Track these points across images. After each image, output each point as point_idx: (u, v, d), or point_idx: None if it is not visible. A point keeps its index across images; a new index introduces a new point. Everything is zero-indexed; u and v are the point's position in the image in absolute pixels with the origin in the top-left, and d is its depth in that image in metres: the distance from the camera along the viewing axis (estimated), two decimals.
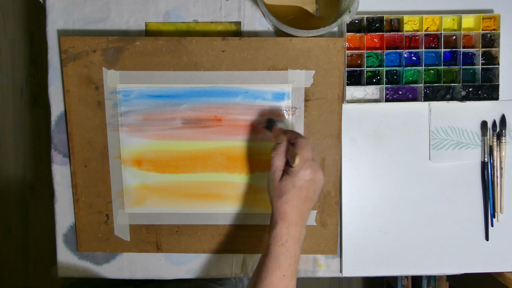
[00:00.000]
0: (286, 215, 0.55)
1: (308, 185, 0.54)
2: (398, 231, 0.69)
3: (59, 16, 0.68)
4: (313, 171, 0.54)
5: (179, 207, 0.68)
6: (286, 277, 0.53)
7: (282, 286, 0.53)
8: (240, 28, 0.68)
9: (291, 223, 0.54)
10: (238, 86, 0.66)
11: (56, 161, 0.69)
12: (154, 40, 0.65)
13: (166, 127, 0.67)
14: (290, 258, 0.54)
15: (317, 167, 0.55)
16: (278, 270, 0.53)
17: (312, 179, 0.55)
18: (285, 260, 0.54)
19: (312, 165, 0.55)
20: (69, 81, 0.66)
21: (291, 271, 0.54)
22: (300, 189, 0.54)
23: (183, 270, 0.70)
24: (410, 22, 0.67)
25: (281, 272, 0.53)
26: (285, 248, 0.54)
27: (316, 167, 0.55)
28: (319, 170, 0.55)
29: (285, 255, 0.54)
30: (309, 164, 0.54)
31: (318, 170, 0.55)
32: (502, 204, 0.69)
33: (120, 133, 0.67)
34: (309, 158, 0.55)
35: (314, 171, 0.54)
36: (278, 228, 0.55)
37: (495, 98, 0.66)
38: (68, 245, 0.70)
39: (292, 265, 0.54)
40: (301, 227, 0.55)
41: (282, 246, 0.54)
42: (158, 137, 0.67)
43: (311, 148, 0.56)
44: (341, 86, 0.66)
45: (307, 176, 0.54)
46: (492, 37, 0.66)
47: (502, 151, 0.68)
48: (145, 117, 0.67)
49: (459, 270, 0.70)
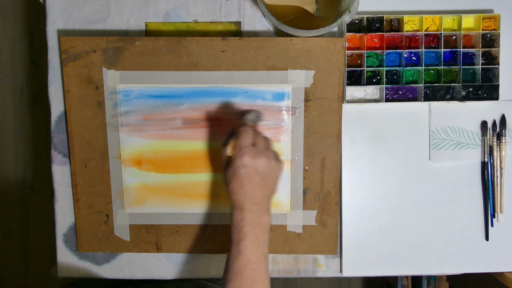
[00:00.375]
0: (237, 202, 0.55)
1: (247, 171, 0.55)
2: (398, 231, 0.69)
3: (59, 16, 0.68)
4: (249, 157, 0.55)
5: (179, 207, 0.68)
6: (251, 261, 0.53)
7: (249, 271, 0.53)
8: (240, 28, 0.68)
9: (243, 210, 0.55)
10: (238, 86, 0.66)
11: (56, 161, 0.69)
12: (154, 40, 0.65)
13: (166, 127, 0.67)
14: (251, 243, 0.54)
15: (255, 152, 0.55)
16: (241, 256, 0.53)
17: (251, 165, 0.55)
18: (246, 246, 0.54)
19: (250, 151, 0.55)
20: (69, 81, 0.66)
21: (256, 256, 0.54)
22: (242, 177, 0.55)
23: (183, 270, 0.70)
24: (410, 22, 0.67)
25: (245, 257, 0.53)
26: (243, 234, 0.54)
27: (254, 153, 0.55)
28: (260, 155, 0.55)
29: (245, 240, 0.54)
30: (246, 150, 0.55)
31: (258, 155, 0.55)
32: (502, 204, 0.69)
33: (120, 133, 0.67)
34: (247, 145, 0.55)
35: (251, 157, 0.55)
36: (234, 216, 0.56)
37: (495, 98, 0.66)
38: (68, 245, 0.70)
39: (255, 250, 0.54)
40: (256, 212, 0.55)
41: (239, 232, 0.54)
42: (158, 137, 0.67)
43: (251, 134, 0.57)
44: (341, 86, 0.66)
45: (244, 161, 0.54)
46: (492, 37, 0.66)
47: (502, 151, 0.68)
48: (145, 117, 0.67)
49: (459, 270, 0.70)
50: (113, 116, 0.67)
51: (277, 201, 0.68)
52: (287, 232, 0.69)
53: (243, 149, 0.55)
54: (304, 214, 0.68)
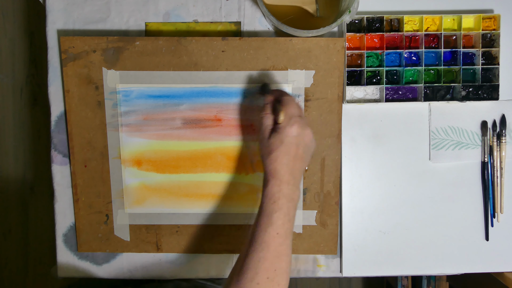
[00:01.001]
0: (277, 173, 0.54)
1: (296, 141, 0.55)
2: (398, 231, 0.69)
3: (59, 16, 0.68)
4: (299, 127, 0.55)
5: (179, 207, 0.68)
6: (279, 235, 0.53)
7: (276, 244, 0.52)
8: (240, 28, 0.68)
9: (282, 181, 0.54)
10: (238, 86, 0.66)
11: (56, 161, 0.69)
12: (154, 40, 0.65)
13: (166, 127, 0.67)
14: (283, 216, 0.53)
15: (304, 123, 0.55)
16: (271, 227, 0.53)
17: (300, 135, 0.55)
18: (278, 218, 0.53)
19: (299, 121, 0.55)
20: (69, 81, 0.66)
21: (285, 230, 0.53)
22: (288, 146, 0.54)
23: (183, 270, 0.70)
24: (410, 22, 0.67)
25: (274, 230, 0.53)
26: (277, 206, 0.53)
27: (303, 124, 0.55)
28: (307, 127, 0.56)
29: (278, 213, 0.53)
30: (295, 120, 0.55)
31: (306, 127, 0.55)
32: (502, 204, 0.69)
33: (120, 133, 0.67)
34: (295, 115, 0.55)
35: (301, 127, 0.55)
36: (270, 186, 0.54)
37: (495, 98, 0.66)
38: (68, 245, 0.70)
39: (286, 224, 0.53)
40: (293, 186, 0.55)
41: (274, 203, 0.54)
42: (158, 137, 0.67)
43: (297, 105, 0.57)
44: (341, 86, 0.66)
45: (294, 131, 0.54)
46: (492, 37, 0.66)
47: (502, 151, 0.68)
48: (145, 117, 0.67)
49: (459, 270, 0.70)
50: (113, 116, 0.67)
51: None
52: None
53: (293, 119, 0.55)
54: (304, 214, 0.68)
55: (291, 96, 0.57)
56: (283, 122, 0.55)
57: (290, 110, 0.55)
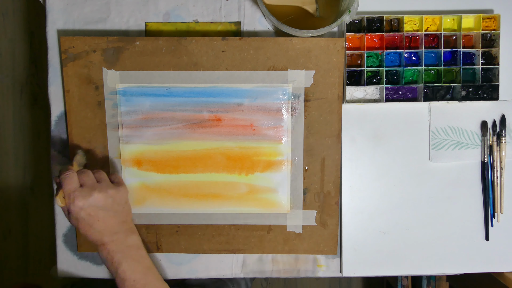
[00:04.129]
0: (96, 241, 0.57)
1: (87, 212, 0.56)
2: (398, 231, 0.69)
3: (59, 16, 0.68)
4: (82, 198, 0.55)
5: (179, 207, 0.68)
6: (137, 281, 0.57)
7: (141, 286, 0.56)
8: (240, 28, 0.68)
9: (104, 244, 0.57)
10: (238, 86, 0.66)
11: (56, 161, 0.69)
12: (154, 40, 0.65)
13: (166, 127, 0.67)
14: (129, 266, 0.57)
15: (87, 191, 0.56)
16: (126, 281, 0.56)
17: (88, 205, 0.55)
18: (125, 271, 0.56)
19: (79, 193, 0.55)
20: (69, 81, 0.66)
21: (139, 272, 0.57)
22: (84, 219, 0.56)
23: (183, 270, 0.70)
24: (410, 22, 0.67)
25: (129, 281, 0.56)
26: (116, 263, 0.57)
27: (86, 192, 0.56)
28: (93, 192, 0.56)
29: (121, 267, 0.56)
30: (75, 195, 0.55)
31: (91, 193, 0.56)
32: (502, 204, 0.69)
33: (120, 133, 0.67)
34: (74, 189, 0.55)
35: (83, 198, 0.55)
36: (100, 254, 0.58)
37: (495, 98, 0.66)
38: (68, 245, 0.70)
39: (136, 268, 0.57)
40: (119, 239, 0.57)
41: (112, 264, 0.57)
42: (158, 137, 0.67)
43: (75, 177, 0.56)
44: (341, 86, 0.66)
45: (78, 205, 0.55)
46: (492, 37, 0.66)
47: (502, 151, 0.68)
48: (145, 117, 0.67)
49: (459, 270, 0.70)
50: (113, 116, 0.67)
51: (277, 201, 0.68)
52: (287, 232, 0.69)
53: (72, 194, 0.55)
54: (304, 214, 0.68)
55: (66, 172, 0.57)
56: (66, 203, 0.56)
57: (65, 188, 0.56)
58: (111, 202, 0.58)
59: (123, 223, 0.59)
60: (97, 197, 0.56)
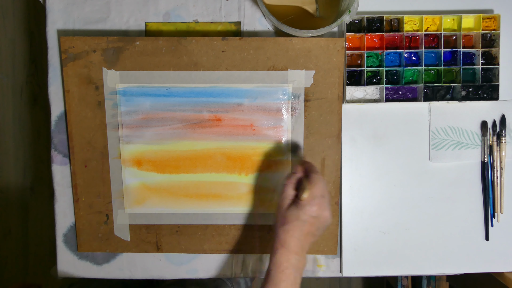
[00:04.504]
0: (286, 244, 0.55)
1: (312, 221, 0.55)
2: (398, 231, 0.69)
3: (59, 16, 0.68)
4: (319, 209, 0.55)
5: (179, 207, 0.68)
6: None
7: None
8: (240, 28, 0.68)
9: (291, 251, 0.55)
10: (238, 86, 0.66)
11: (56, 161, 0.69)
12: (154, 40, 0.65)
13: (166, 127, 0.67)
14: (290, 285, 0.54)
15: (325, 205, 0.56)
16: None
17: (317, 217, 0.55)
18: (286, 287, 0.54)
19: (320, 202, 0.55)
20: (69, 81, 0.66)
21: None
22: (303, 223, 0.55)
23: (183, 270, 0.70)
24: (410, 22, 0.67)
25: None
26: (285, 275, 0.54)
27: (324, 206, 0.56)
28: (327, 209, 0.56)
29: (285, 282, 0.54)
30: (318, 201, 0.55)
31: (326, 209, 0.56)
32: (502, 204, 0.69)
33: (120, 133, 0.67)
34: (319, 195, 0.55)
35: (321, 209, 0.55)
36: (279, 255, 0.55)
37: (495, 98, 0.66)
38: (68, 245, 0.70)
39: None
40: (301, 256, 0.56)
41: (282, 273, 0.54)
42: (158, 137, 0.67)
43: (324, 185, 0.57)
44: (341, 86, 0.66)
45: (313, 212, 0.55)
46: (492, 37, 0.66)
47: (502, 151, 0.68)
48: (145, 117, 0.67)
49: (459, 270, 0.70)
50: (113, 116, 0.67)
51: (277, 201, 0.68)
52: None
53: (316, 199, 0.55)
54: None
55: (319, 174, 0.57)
56: (304, 200, 0.55)
57: (315, 190, 0.56)
58: (324, 225, 0.57)
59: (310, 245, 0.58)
60: (325, 216, 0.56)
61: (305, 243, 0.56)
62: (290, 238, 0.55)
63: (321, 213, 0.55)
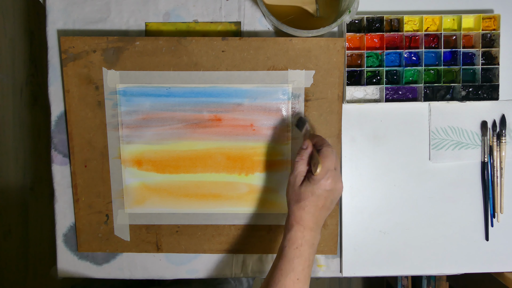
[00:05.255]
0: (302, 220, 0.55)
1: (326, 195, 0.55)
2: (398, 231, 0.69)
3: (59, 16, 0.68)
4: (333, 182, 0.55)
5: (179, 207, 0.68)
6: (299, 280, 0.53)
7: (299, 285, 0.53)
8: (240, 28, 0.68)
9: (306, 228, 0.55)
10: (238, 86, 0.66)
11: (56, 161, 0.69)
12: (154, 40, 0.65)
13: (166, 127, 0.67)
14: (304, 262, 0.54)
15: (338, 177, 0.56)
16: (292, 273, 0.53)
17: (332, 189, 0.55)
18: (299, 264, 0.53)
19: (334, 175, 0.55)
20: (69, 81, 0.66)
21: (304, 275, 0.54)
22: (318, 197, 0.55)
23: (183, 270, 0.70)
24: (410, 22, 0.67)
25: (295, 275, 0.53)
26: (299, 252, 0.54)
27: (337, 178, 0.56)
28: (340, 181, 0.56)
29: (300, 258, 0.54)
30: (331, 174, 0.55)
31: (339, 181, 0.56)
32: (502, 204, 0.69)
33: (120, 133, 0.67)
34: (332, 168, 0.55)
35: (335, 182, 0.55)
36: (293, 231, 0.55)
37: (495, 98, 0.66)
38: (68, 245, 0.70)
39: (306, 269, 0.54)
40: (315, 232, 0.56)
41: (296, 249, 0.54)
42: (158, 137, 0.67)
43: (335, 157, 0.56)
44: (341, 86, 0.66)
45: (328, 186, 0.55)
46: (492, 37, 0.66)
47: (502, 151, 0.68)
48: (145, 117, 0.67)
49: (459, 270, 0.70)
50: (113, 116, 0.67)
51: (277, 201, 0.68)
52: None
53: (329, 172, 0.55)
54: None
55: (331, 147, 0.57)
56: (318, 174, 0.55)
57: (327, 163, 0.55)
58: (338, 197, 0.57)
59: (325, 219, 0.57)
60: (339, 188, 0.56)
61: (320, 218, 0.56)
62: (306, 214, 0.55)
63: (336, 185, 0.55)
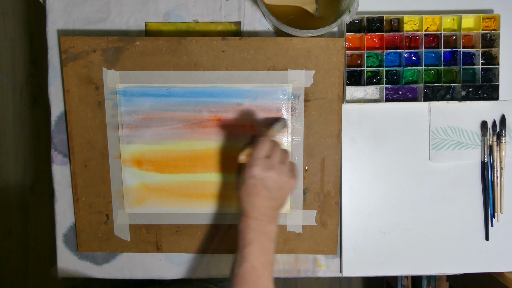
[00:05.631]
0: (243, 210, 0.56)
1: (255, 183, 0.55)
2: (398, 231, 0.69)
3: (59, 16, 0.68)
4: (261, 169, 0.55)
5: (179, 207, 0.68)
6: (255, 268, 0.54)
7: (254, 278, 0.53)
8: (240, 28, 0.68)
9: (248, 217, 0.55)
10: (238, 86, 0.66)
11: (56, 161, 0.69)
12: (154, 40, 0.65)
13: (166, 127, 0.67)
14: (256, 250, 0.54)
15: (268, 166, 0.55)
16: (245, 262, 0.54)
17: (261, 177, 0.55)
18: (250, 252, 0.54)
19: (262, 163, 0.55)
20: (69, 81, 0.66)
21: (261, 263, 0.54)
22: (249, 186, 0.55)
23: (183, 270, 0.70)
24: (410, 22, 0.67)
25: (249, 264, 0.54)
26: (247, 240, 0.55)
27: (267, 166, 0.55)
28: (272, 170, 0.55)
29: (249, 247, 0.54)
30: (257, 162, 0.55)
31: (270, 169, 0.55)
32: (502, 204, 0.69)
33: (120, 133, 0.67)
34: (260, 157, 0.55)
35: (263, 169, 0.55)
36: (239, 222, 0.56)
37: (495, 98, 0.66)
38: (68, 245, 0.70)
39: (261, 257, 0.54)
40: (262, 221, 0.56)
41: (244, 238, 0.55)
42: (158, 137, 0.67)
43: (270, 147, 0.56)
44: (341, 86, 0.66)
45: (253, 172, 0.55)
46: (492, 37, 0.66)
47: (502, 151, 0.68)
48: (145, 117, 0.67)
49: (459, 270, 0.70)
50: (113, 116, 0.67)
51: None
52: (287, 232, 0.69)
53: (255, 160, 0.55)
54: (304, 214, 0.68)
55: (266, 138, 0.57)
56: (247, 162, 0.56)
57: (256, 152, 0.56)
58: (278, 188, 0.57)
59: (273, 209, 0.57)
60: (271, 177, 0.55)
61: (263, 206, 0.56)
62: (244, 203, 0.56)
63: (264, 174, 0.55)
